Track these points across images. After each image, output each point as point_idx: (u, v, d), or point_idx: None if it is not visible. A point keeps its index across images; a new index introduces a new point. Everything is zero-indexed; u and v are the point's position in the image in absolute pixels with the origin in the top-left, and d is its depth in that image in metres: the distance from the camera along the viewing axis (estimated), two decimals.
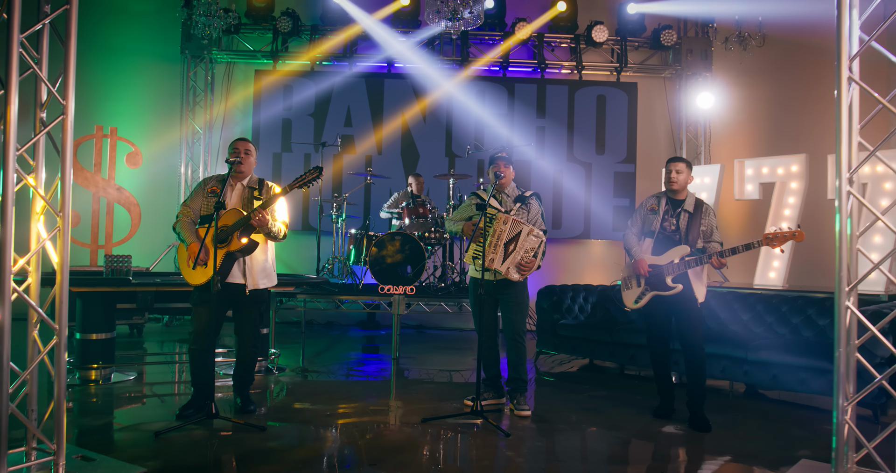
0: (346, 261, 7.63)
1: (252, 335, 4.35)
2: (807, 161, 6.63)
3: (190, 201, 4.31)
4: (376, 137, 9.23)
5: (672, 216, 4.39)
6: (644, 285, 4.43)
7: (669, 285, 4.30)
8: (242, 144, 4.29)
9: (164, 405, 4.62)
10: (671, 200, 4.45)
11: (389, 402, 4.84)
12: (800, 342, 5.15)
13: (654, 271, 4.37)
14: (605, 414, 4.56)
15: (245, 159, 4.26)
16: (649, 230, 4.46)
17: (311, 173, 4.08)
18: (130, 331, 7.73)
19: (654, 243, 4.42)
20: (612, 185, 9.26)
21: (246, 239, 4.08)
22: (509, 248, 4.39)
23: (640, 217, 4.58)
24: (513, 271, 4.40)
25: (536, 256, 4.42)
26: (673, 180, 4.38)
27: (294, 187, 4.09)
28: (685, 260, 4.26)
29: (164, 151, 9.02)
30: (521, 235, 4.37)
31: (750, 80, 9.02)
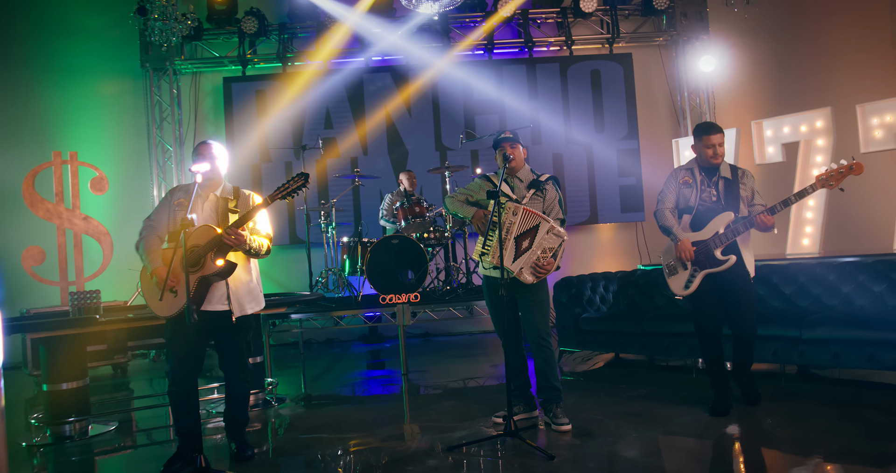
0: (340, 273, 7.02)
1: (241, 368, 3.73)
2: (832, 115, 6.05)
3: (154, 217, 3.70)
4: (360, 136, 8.61)
5: (710, 186, 3.95)
6: (692, 267, 3.93)
7: (720, 258, 3.84)
8: (205, 148, 3.68)
9: (151, 459, 3.99)
10: (704, 169, 4.01)
11: (405, 428, 4.23)
12: (858, 312, 4.57)
13: (699, 248, 3.88)
14: (654, 418, 3.97)
15: (213, 164, 3.64)
16: (687, 206, 4.00)
17: (296, 181, 3.47)
18: (114, 371, 7.09)
19: (692, 217, 3.95)
20: (615, 164, 8.66)
21: (222, 261, 3.46)
22: (522, 244, 3.79)
23: (671, 192, 4.09)
24: (526, 273, 3.80)
25: (556, 256, 3.83)
26: (719, 154, 3.93)
27: (277, 198, 3.50)
28: (731, 228, 3.81)
29: (132, 174, 8.37)
30: (539, 231, 3.77)
31: (751, 39, 8.45)
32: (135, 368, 7.42)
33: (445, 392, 5.17)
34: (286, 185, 3.47)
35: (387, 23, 8.47)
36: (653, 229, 8.70)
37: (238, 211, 3.62)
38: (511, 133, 4.06)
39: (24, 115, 8.23)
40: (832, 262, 5.12)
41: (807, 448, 3.25)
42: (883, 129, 5.61)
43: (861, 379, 4.58)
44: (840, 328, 4.35)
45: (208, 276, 3.46)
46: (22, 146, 7.95)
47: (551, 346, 3.97)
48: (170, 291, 3.46)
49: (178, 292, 3.46)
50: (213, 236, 3.43)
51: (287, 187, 3.47)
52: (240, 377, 3.73)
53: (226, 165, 3.75)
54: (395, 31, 8.49)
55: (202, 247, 3.44)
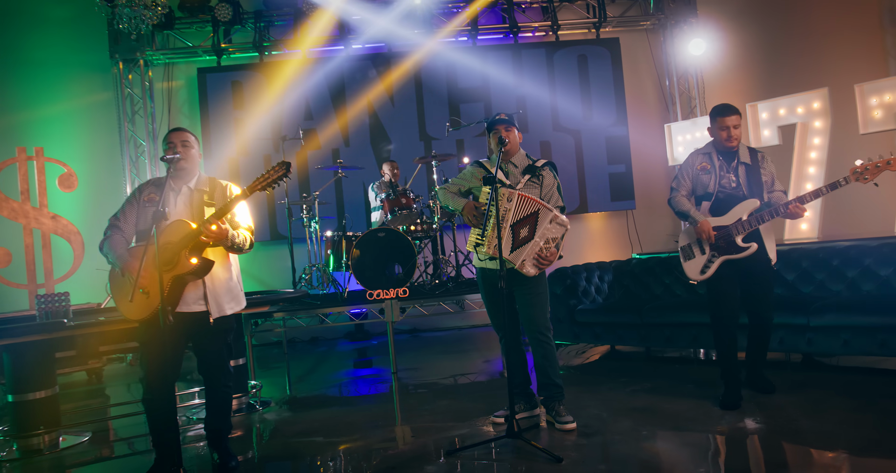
0: (325, 269, 6.75)
1: (223, 372, 3.46)
2: (829, 95, 5.88)
3: (120, 216, 3.40)
4: (341, 127, 8.32)
5: (729, 171, 3.80)
6: (710, 251, 3.79)
7: (741, 245, 3.71)
8: (178, 136, 3.39)
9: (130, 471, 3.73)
10: (723, 153, 3.85)
11: (398, 431, 3.99)
12: (867, 298, 4.41)
13: (720, 233, 3.75)
14: (662, 414, 3.77)
15: (185, 153, 3.36)
16: (706, 193, 3.85)
17: (277, 170, 3.20)
18: (88, 377, 6.76)
19: (712, 204, 3.82)
20: (605, 151, 8.45)
21: (197, 258, 3.18)
22: (519, 232, 3.56)
23: (687, 178, 3.95)
24: (529, 265, 3.56)
25: (559, 247, 3.61)
26: (734, 138, 3.78)
27: (257, 189, 3.21)
28: (756, 215, 3.68)
29: (103, 170, 8.00)
30: (541, 220, 3.53)
31: (740, 21, 8.26)
32: (111, 373, 7.09)
33: (438, 391, 4.94)
34: (267, 174, 3.20)
35: (368, 10, 8.17)
36: (644, 218, 8.58)
37: (214, 204, 3.34)
38: (507, 115, 3.82)
39: None
40: (834, 246, 4.95)
41: (830, 443, 3.07)
42: (882, 109, 5.46)
43: (869, 366, 4.43)
44: (850, 314, 4.18)
45: (183, 275, 3.19)
46: None
47: (552, 341, 3.75)
48: (141, 291, 3.19)
49: (151, 292, 3.18)
50: (187, 232, 3.15)
51: (268, 177, 3.20)
52: (221, 381, 3.46)
53: (198, 153, 3.47)
54: (377, 18, 8.19)
55: (176, 243, 3.16)
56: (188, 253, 3.15)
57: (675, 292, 5.59)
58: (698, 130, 7.04)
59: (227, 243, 3.23)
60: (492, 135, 3.81)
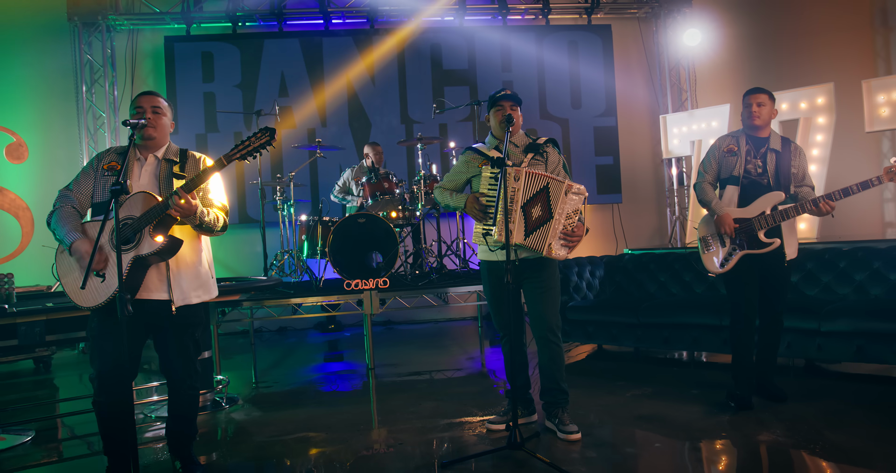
0: (298, 255, 6.32)
1: (188, 370, 3.00)
2: (835, 91, 5.67)
3: (75, 186, 2.93)
4: (319, 107, 7.85)
5: (756, 157, 3.58)
6: (731, 244, 3.57)
7: (764, 240, 3.49)
8: (148, 100, 2.92)
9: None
10: (752, 138, 3.64)
11: (378, 435, 3.61)
12: (881, 303, 4.19)
13: (741, 226, 3.53)
14: (672, 422, 3.48)
15: (156, 121, 2.90)
16: (731, 176, 3.62)
17: (260, 136, 2.77)
18: (36, 366, 6.22)
19: (739, 190, 3.58)
20: (592, 141, 8.17)
21: (162, 236, 2.74)
22: (531, 213, 3.20)
23: (714, 161, 3.72)
24: (557, 247, 3.21)
25: (583, 220, 3.29)
26: (755, 115, 3.60)
27: (235, 158, 2.78)
28: (780, 210, 3.45)
29: (58, 142, 7.38)
30: (553, 194, 3.19)
31: (736, 13, 8.03)
32: (61, 361, 6.54)
33: (420, 390, 4.57)
34: (248, 141, 2.77)
35: None
36: (630, 213, 8.33)
37: (185, 176, 2.91)
38: (511, 91, 3.46)
39: None
40: (840, 248, 4.73)
41: (867, 461, 2.80)
42: (890, 106, 5.26)
43: (876, 374, 4.22)
44: (865, 319, 3.94)
45: (145, 256, 2.74)
46: None
47: (561, 341, 3.42)
48: (95, 274, 2.74)
49: (107, 276, 2.74)
50: (152, 205, 2.72)
51: (248, 145, 2.77)
52: (186, 382, 3.00)
53: (170, 121, 3.02)
54: None
55: (138, 219, 2.72)
56: (153, 230, 2.72)
57: (671, 291, 5.32)
58: (695, 123, 6.80)
59: (196, 221, 2.80)
60: (494, 112, 3.44)
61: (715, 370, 4.61)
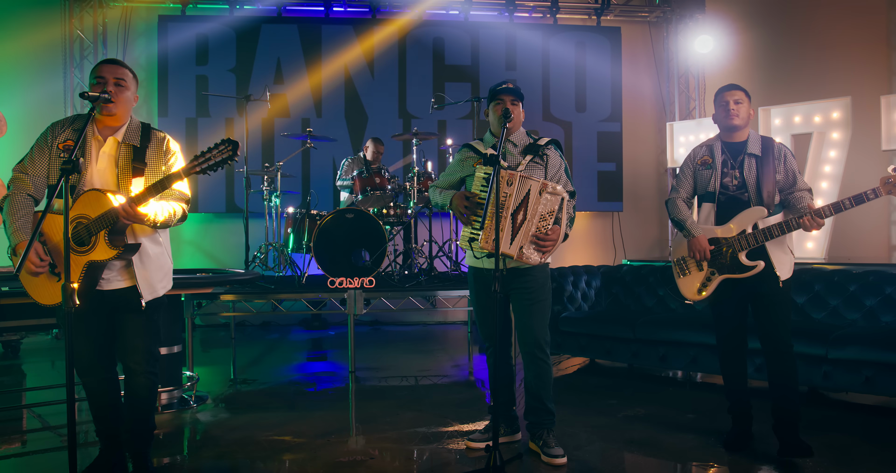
0: (283, 249, 6.06)
1: (146, 354, 2.77)
2: (852, 106, 5.43)
3: (29, 163, 2.69)
4: (314, 96, 7.60)
5: (733, 168, 3.15)
6: (709, 268, 3.18)
7: (745, 263, 3.08)
8: (111, 70, 2.65)
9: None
10: (728, 144, 3.21)
11: (350, 445, 3.35)
12: (888, 330, 3.95)
13: (718, 248, 3.14)
14: (665, 449, 3.24)
15: (117, 94, 2.63)
16: (706, 192, 3.21)
17: (220, 151, 2.49)
18: (4, 350, 5.96)
19: (715, 208, 3.18)
20: (595, 147, 7.93)
21: (118, 245, 2.53)
22: (517, 219, 2.96)
23: (689, 176, 3.31)
24: (529, 251, 2.96)
25: (560, 222, 3.01)
26: (733, 113, 3.15)
27: (194, 172, 2.52)
28: (763, 229, 3.03)
29: (41, 118, 6.92)
30: (531, 195, 2.95)
31: (750, 21, 7.78)
32: (31, 346, 6.28)
33: (401, 398, 4.32)
34: (208, 154, 2.50)
35: None
36: (630, 222, 8.09)
37: (145, 166, 2.66)
38: (513, 85, 3.20)
39: None
40: (851, 270, 4.48)
41: None
42: None
43: (884, 405, 3.98)
44: (876, 348, 3.69)
45: (100, 262, 2.54)
46: None
47: (549, 358, 3.17)
48: (51, 272, 2.53)
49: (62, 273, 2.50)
50: (106, 209, 2.49)
51: (208, 158, 2.50)
52: (142, 367, 2.76)
53: (133, 96, 2.75)
54: None
55: (92, 221, 2.51)
56: (107, 236, 2.50)
57: (670, 306, 5.08)
58: (703, 132, 6.57)
59: (150, 225, 2.60)
60: (493, 106, 3.19)
61: (713, 393, 4.36)
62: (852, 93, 5.68)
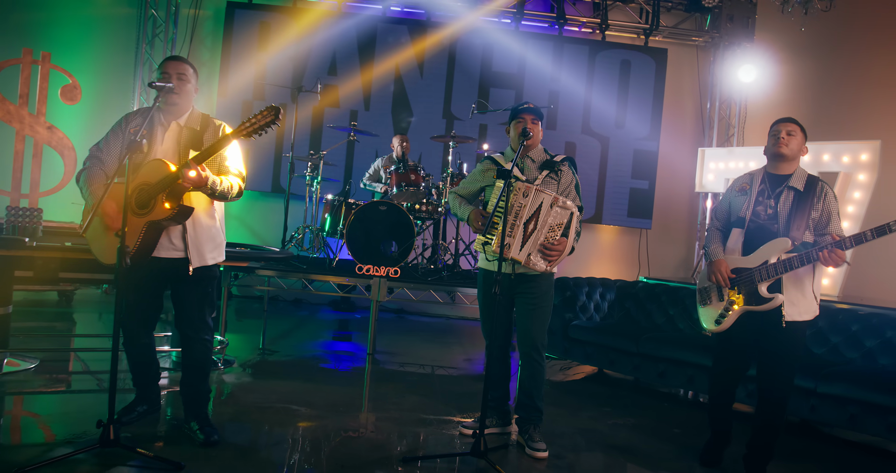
0: (318, 232, 6.44)
1: (201, 324, 3.15)
2: (881, 149, 5.53)
3: (103, 145, 3.09)
4: (364, 89, 7.95)
5: (769, 197, 3.13)
6: (728, 299, 3.20)
7: (764, 295, 3.06)
8: (174, 66, 3.03)
9: (62, 412, 3.45)
10: (771, 175, 3.20)
11: (361, 421, 3.69)
12: (884, 373, 4.09)
13: (741, 277, 3.13)
14: (641, 456, 3.48)
15: (180, 87, 3.00)
16: (738, 219, 3.22)
17: (264, 115, 2.80)
18: (59, 298, 6.48)
19: (744, 235, 3.18)
20: (630, 164, 8.11)
21: (173, 205, 2.86)
22: (529, 228, 3.24)
23: (725, 204, 3.36)
24: (536, 258, 3.23)
25: (568, 235, 3.26)
26: (783, 142, 3.11)
27: (242, 135, 2.85)
28: (783, 261, 3.02)
29: (111, 89, 7.61)
30: (542, 207, 3.22)
31: (797, 54, 7.83)
32: (83, 298, 6.80)
33: (411, 383, 4.65)
34: (253, 119, 2.83)
35: None
36: (657, 241, 8.25)
37: (203, 145, 3.02)
38: (534, 106, 3.48)
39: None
40: (857, 310, 4.62)
41: None
42: None
43: (870, 444, 4.12)
44: (862, 387, 3.84)
45: (159, 221, 2.88)
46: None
47: (544, 361, 3.45)
48: (115, 235, 2.90)
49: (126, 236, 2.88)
50: (166, 174, 2.84)
51: (254, 122, 2.82)
52: (198, 335, 3.14)
53: (194, 88, 3.13)
54: None
55: (153, 186, 2.86)
56: (165, 198, 2.84)
57: (678, 326, 5.28)
58: (733, 160, 6.70)
59: (208, 191, 2.93)
60: (514, 124, 3.47)
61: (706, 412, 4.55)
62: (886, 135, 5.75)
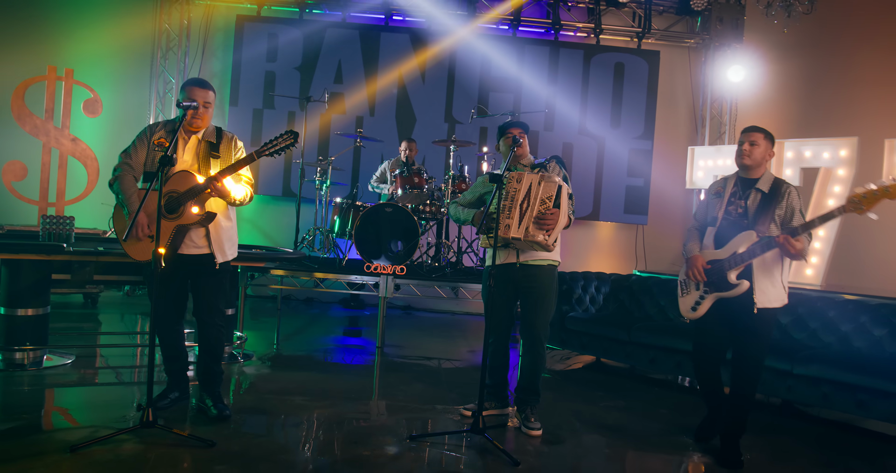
0: (328, 233, 6.79)
1: (215, 309, 3.57)
2: (858, 146, 5.83)
3: (133, 152, 3.48)
4: (369, 96, 8.31)
5: (741, 199, 3.50)
6: (703, 288, 3.55)
7: (732, 281, 3.40)
8: (202, 94, 3.41)
9: (100, 400, 3.81)
10: (742, 179, 3.55)
11: (371, 406, 4.05)
12: (854, 355, 4.41)
13: (714, 267, 3.47)
14: (628, 434, 3.81)
15: (204, 113, 3.43)
16: (712, 218, 3.59)
17: (284, 139, 3.33)
18: (85, 300, 6.87)
19: (716, 232, 3.54)
20: (626, 162, 8.43)
21: (200, 210, 3.31)
22: (523, 207, 3.56)
23: (702, 207, 3.74)
24: (533, 230, 3.49)
25: (560, 206, 3.54)
26: (745, 153, 3.46)
27: (264, 154, 3.35)
28: (748, 248, 3.36)
29: (129, 101, 8.02)
30: (532, 186, 3.55)
31: (784, 54, 8.13)
32: (107, 300, 7.19)
33: (418, 373, 5.00)
34: (273, 142, 3.34)
35: None
36: (653, 235, 8.56)
37: (219, 156, 3.44)
38: (519, 120, 3.93)
39: (20, 21, 7.75)
40: (834, 298, 4.93)
41: None
42: None
43: (849, 422, 4.41)
44: (833, 368, 4.17)
45: (187, 225, 3.34)
46: (15, 55, 7.51)
47: (545, 351, 3.79)
48: (147, 237, 3.31)
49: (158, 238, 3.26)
50: (193, 184, 3.27)
51: (275, 145, 3.34)
52: (214, 321, 3.55)
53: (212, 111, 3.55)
54: None
55: (181, 194, 3.29)
56: (193, 204, 3.27)
57: (668, 316, 5.59)
58: (721, 158, 6.99)
59: (229, 200, 3.38)
60: (503, 139, 3.86)
61: (695, 396, 4.86)
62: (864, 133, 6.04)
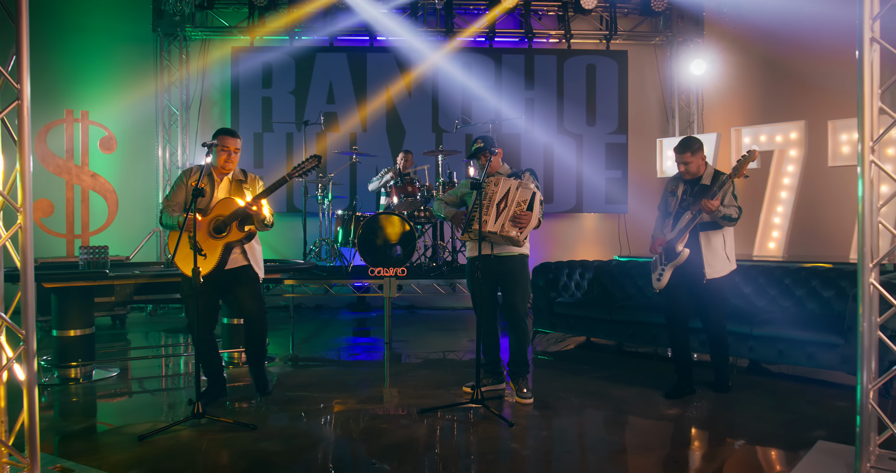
0: (333, 243, 7.40)
1: (261, 308, 4.19)
2: (806, 128, 6.43)
3: (172, 197, 4.15)
4: (360, 113, 8.92)
5: (689, 195, 4.35)
6: (662, 261, 4.42)
7: (678, 251, 4.29)
8: (233, 142, 4.09)
9: (149, 403, 4.42)
10: (687, 181, 4.42)
11: (384, 391, 4.66)
12: (805, 314, 5.01)
13: (667, 245, 4.37)
14: (608, 398, 4.41)
15: (234, 159, 4.12)
16: (668, 211, 4.47)
17: (309, 162, 4.05)
18: (113, 322, 7.48)
19: (672, 220, 4.41)
20: (604, 156, 9.04)
21: (243, 229, 4.03)
22: (500, 206, 4.18)
23: (663, 201, 4.58)
24: (508, 226, 4.12)
25: (532, 209, 4.15)
26: (683, 173, 4.34)
27: (295, 177, 4.04)
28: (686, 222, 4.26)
29: (139, 135, 8.66)
30: (510, 190, 4.18)
31: (742, 46, 8.74)
32: (132, 320, 7.81)
33: (424, 362, 5.60)
34: (301, 165, 4.02)
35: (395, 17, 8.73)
36: (634, 222, 9.16)
37: (249, 189, 4.06)
38: (482, 141, 4.39)
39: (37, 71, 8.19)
40: (790, 266, 5.53)
41: (734, 432, 3.71)
42: (850, 145, 6.00)
43: (806, 376, 4.99)
44: (785, 327, 4.78)
45: (233, 242, 4.00)
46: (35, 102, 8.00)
47: (527, 326, 4.39)
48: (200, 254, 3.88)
49: (208, 254, 3.94)
50: (236, 208, 3.93)
51: (303, 167, 4.02)
52: (261, 316, 4.17)
53: None
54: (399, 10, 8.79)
55: (227, 216, 3.95)
56: (238, 224, 3.96)
57: (647, 295, 6.19)
58: None
59: (263, 221, 4.02)
60: (475, 162, 4.58)
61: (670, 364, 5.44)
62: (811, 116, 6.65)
